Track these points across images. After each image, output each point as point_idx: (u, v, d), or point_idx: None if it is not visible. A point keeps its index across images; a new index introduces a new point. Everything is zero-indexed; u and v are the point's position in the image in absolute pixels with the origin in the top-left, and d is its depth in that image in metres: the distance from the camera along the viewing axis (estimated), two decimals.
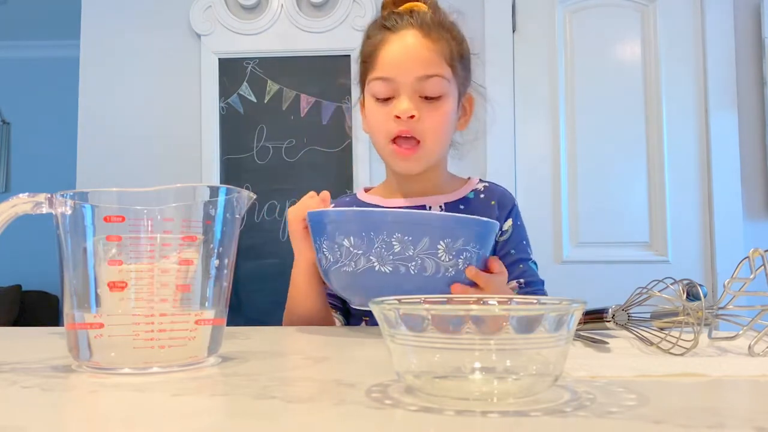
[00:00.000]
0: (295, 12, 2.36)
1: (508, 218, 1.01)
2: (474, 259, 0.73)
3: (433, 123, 0.92)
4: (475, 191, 1.03)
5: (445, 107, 0.93)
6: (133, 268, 0.51)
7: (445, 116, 0.94)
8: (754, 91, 2.27)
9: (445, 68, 0.93)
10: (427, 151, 0.94)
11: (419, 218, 0.71)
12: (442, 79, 0.92)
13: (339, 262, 0.72)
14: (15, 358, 0.58)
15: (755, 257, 0.59)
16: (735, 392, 0.45)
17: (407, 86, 0.91)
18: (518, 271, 0.98)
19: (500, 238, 1.00)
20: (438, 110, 0.93)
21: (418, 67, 0.91)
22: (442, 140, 0.96)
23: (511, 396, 0.39)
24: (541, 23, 2.35)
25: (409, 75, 0.91)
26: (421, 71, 0.91)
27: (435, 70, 0.92)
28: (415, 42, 0.92)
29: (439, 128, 0.93)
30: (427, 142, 0.93)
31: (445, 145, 0.98)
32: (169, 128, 2.38)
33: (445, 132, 0.95)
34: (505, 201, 1.02)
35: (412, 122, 0.91)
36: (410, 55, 0.92)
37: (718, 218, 2.23)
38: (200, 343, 0.53)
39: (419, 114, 0.91)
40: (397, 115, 0.91)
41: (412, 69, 0.91)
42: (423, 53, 0.92)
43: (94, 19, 2.44)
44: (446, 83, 0.93)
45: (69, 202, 0.52)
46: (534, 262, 1.02)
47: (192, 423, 0.36)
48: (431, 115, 0.92)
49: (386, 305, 0.40)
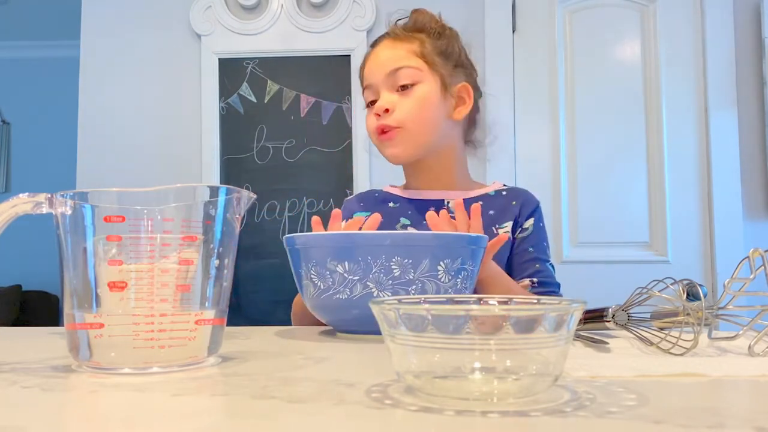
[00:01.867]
0: (295, 12, 2.36)
1: (530, 217, 1.04)
2: (470, 274, 0.72)
3: (409, 107, 0.99)
4: (497, 191, 1.08)
5: (420, 92, 1.00)
6: (133, 268, 0.51)
7: (420, 101, 1.00)
8: (754, 91, 2.27)
9: (414, 60, 1.01)
10: (409, 134, 0.99)
11: (419, 239, 0.70)
12: (412, 69, 1.00)
13: (331, 288, 0.69)
14: (15, 358, 0.58)
15: (755, 257, 0.59)
16: (735, 392, 0.45)
17: (381, 84, 1.01)
18: (533, 270, 1.01)
19: (519, 235, 1.03)
20: (412, 95, 1.00)
21: (386, 64, 1.01)
22: (424, 123, 1.00)
23: (511, 396, 0.39)
24: (541, 23, 2.35)
25: (380, 74, 1.01)
26: (389, 67, 1.01)
27: (402, 63, 1.00)
28: (384, 46, 1.05)
29: (416, 111, 0.99)
30: (408, 126, 0.99)
31: (430, 128, 1.01)
32: (169, 128, 2.38)
33: (425, 114, 1.00)
34: (527, 201, 1.06)
35: (389, 115, 0.99)
36: (380, 57, 1.03)
37: (718, 218, 2.23)
38: (200, 343, 0.53)
39: (394, 106, 0.99)
40: (376, 112, 1.00)
41: (381, 68, 1.02)
42: (389, 52, 1.02)
43: (94, 19, 2.44)
44: (417, 72, 1.00)
45: (69, 202, 0.52)
46: (552, 264, 1.04)
47: (192, 423, 0.36)
48: (406, 101, 0.99)
49: (386, 305, 0.40)
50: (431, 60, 1.01)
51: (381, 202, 1.08)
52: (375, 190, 1.14)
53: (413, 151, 1.01)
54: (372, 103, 1.02)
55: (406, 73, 0.99)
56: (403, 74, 0.99)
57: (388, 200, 1.07)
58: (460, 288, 0.71)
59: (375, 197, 1.10)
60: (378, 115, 1.00)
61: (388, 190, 1.11)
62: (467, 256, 0.71)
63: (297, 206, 2.32)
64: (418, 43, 1.01)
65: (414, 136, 0.99)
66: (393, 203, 1.06)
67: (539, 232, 1.04)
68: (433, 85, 1.00)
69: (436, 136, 1.02)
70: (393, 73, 1.00)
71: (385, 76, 1.00)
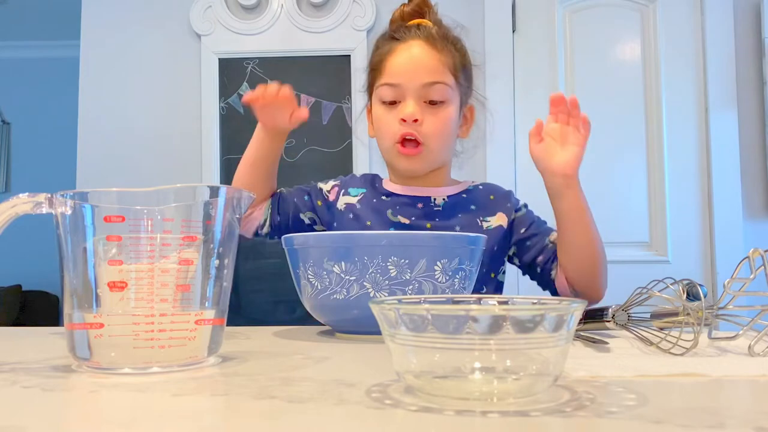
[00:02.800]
0: (295, 12, 2.36)
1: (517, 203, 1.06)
2: (468, 275, 0.72)
3: (436, 127, 0.98)
4: (474, 186, 1.08)
5: (447, 112, 0.98)
6: (133, 268, 0.51)
7: (447, 121, 0.99)
8: (754, 91, 2.27)
9: (448, 76, 0.98)
10: (430, 153, 0.99)
11: (415, 240, 0.70)
12: (446, 86, 0.98)
13: (328, 289, 0.69)
14: (15, 358, 0.58)
15: (755, 257, 0.59)
16: (735, 392, 0.45)
17: (413, 91, 0.97)
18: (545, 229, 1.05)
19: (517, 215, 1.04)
20: (440, 115, 0.98)
21: (424, 74, 0.97)
22: (444, 144, 1.01)
23: (511, 396, 0.39)
24: (541, 23, 2.35)
25: (415, 81, 0.97)
26: (426, 78, 0.97)
27: (439, 78, 0.97)
28: (421, 51, 0.99)
29: (441, 132, 0.98)
30: (430, 145, 0.98)
31: (446, 148, 1.02)
32: (169, 128, 2.38)
33: (447, 136, 1.00)
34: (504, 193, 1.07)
35: (416, 125, 0.97)
36: (416, 62, 0.98)
37: (718, 218, 2.23)
38: (200, 343, 0.53)
39: (422, 118, 0.97)
40: (403, 118, 0.96)
41: (417, 75, 0.97)
42: (428, 61, 0.98)
43: (94, 19, 2.44)
44: (449, 90, 0.98)
45: (69, 202, 0.52)
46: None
47: (192, 423, 0.36)
48: (434, 119, 0.98)
49: (386, 305, 0.40)
50: (459, 78, 1.00)
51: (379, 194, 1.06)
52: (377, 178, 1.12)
53: (428, 167, 1.01)
54: (392, 104, 0.98)
55: (440, 89, 0.97)
56: (438, 90, 0.97)
57: (383, 194, 1.06)
58: (457, 288, 0.71)
59: (375, 188, 1.08)
60: (404, 121, 0.96)
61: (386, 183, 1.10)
62: (465, 256, 0.71)
63: None
64: (451, 57, 0.99)
65: (432, 155, 0.99)
66: (385, 197, 1.06)
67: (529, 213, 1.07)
68: (456, 106, 1.00)
69: (448, 155, 1.04)
70: (429, 85, 0.96)
71: (420, 85, 0.96)
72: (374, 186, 1.08)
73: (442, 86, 0.97)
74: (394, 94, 0.98)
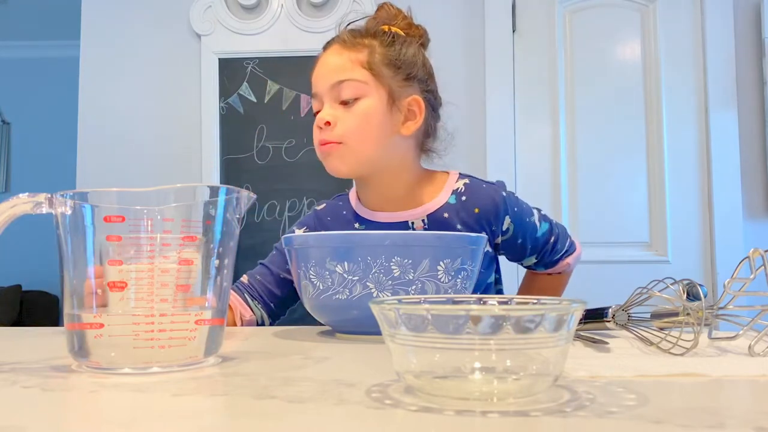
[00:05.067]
0: (295, 12, 2.36)
1: (504, 217, 0.99)
2: (470, 275, 0.72)
3: (351, 124, 0.94)
4: (456, 193, 1.00)
5: (363, 107, 0.95)
6: (133, 268, 0.51)
7: (362, 116, 0.94)
8: (754, 91, 2.27)
9: (359, 71, 0.95)
10: (350, 150, 0.95)
11: (418, 240, 0.69)
12: (356, 82, 0.95)
13: (330, 289, 0.69)
14: (15, 358, 0.58)
15: (755, 257, 0.59)
16: (735, 392, 0.45)
17: (326, 95, 0.96)
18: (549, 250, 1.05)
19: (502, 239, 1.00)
20: (355, 111, 0.95)
21: (331, 74, 0.96)
22: (366, 138, 0.95)
23: (511, 396, 0.39)
24: (541, 23, 2.35)
25: (325, 84, 0.96)
26: (333, 78, 0.95)
27: (346, 75, 0.95)
28: (330, 54, 0.98)
29: (357, 127, 0.94)
30: (349, 143, 0.94)
31: (372, 144, 0.96)
32: (169, 128, 2.38)
33: (367, 131, 0.95)
34: (491, 205, 0.99)
35: (329, 128, 0.94)
36: (325, 66, 0.98)
37: (718, 218, 2.23)
38: (200, 343, 0.53)
39: (335, 120, 0.94)
40: (317, 125, 0.96)
41: (325, 78, 0.96)
42: (335, 61, 0.96)
43: (94, 19, 2.44)
44: (361, 85, 0.95)
45: (69, 202, 0.52)
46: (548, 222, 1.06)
47: (192, 423, 0.36)
48: (348, 116, 0.95)
49: (386, 305, 0.40)
50: (378, 71, 0.95)
51: (346, 222, 1.04)
52: (342, 201, 1.08)
53: (355, 167, 0.96)
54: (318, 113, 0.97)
55: (349, 86, 0.94)
56: (347, 87, 0.94)
57: (354, 220, 1.03)
58: (459, 288, 0.71)
59: (342, 215, 1.05)
60: (320, 128, 0.95)
61: (354, 202, 1.06)
62: (467, 256, 0.71)
63: (297, 206, 2.32)
64: (366, 52, 0.96)
65: (355, 152, 0.95)
66: (359, 224, 1.02)
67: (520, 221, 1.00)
68: (378, 100, 0.95)
69: (380, 152, 0.97)
70: (337, 85, 0.94)
71: (329, 88, 0.95)
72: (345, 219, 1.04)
73: (351, 83, 0.94)
74: (316, 103, 0.98)
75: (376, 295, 0.68)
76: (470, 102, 2.28)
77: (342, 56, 0.96)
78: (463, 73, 2.30)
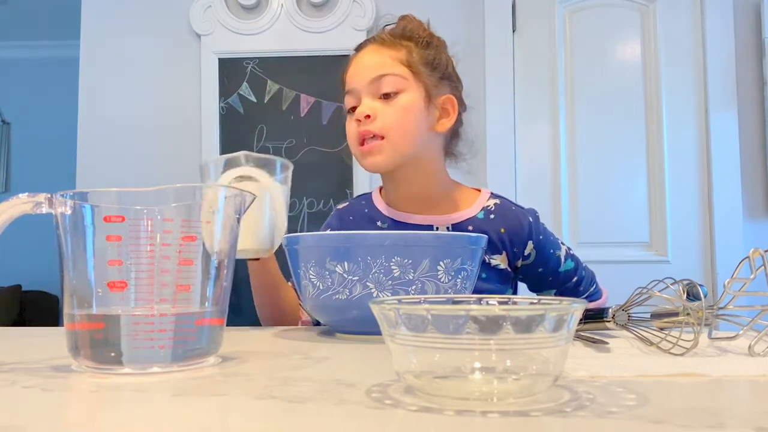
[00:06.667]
0: (295, 12, 2.36)
1: (527, 241, 1.02)
2: (470, 275, 0.72)
3: (392, 116, 0.96)
4: (486, 210, 1.02)
5: (404, 101, 0.97)
6: (133, 268, 0.51)
7: (404, 109, 0.97)
8: (754, 91, 2.27)
9: (398, 68, 0.98)
10: (391, 144, 0.96)
11: (418, 240, 0.69)
12: (396, 77, 0.97)
13: (330, 289, 0.69)
14: (15, 358, 0.58)
15: (755, 257, 0.59)
16: (735, 392, 0.45)
17: (364, 90, 0.98)
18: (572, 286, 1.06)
19: (522, 263, 1.02)
20: (395, 104, 0.97)
21: (370, 70, 0.98)
22: (407, 132, 0.97)
23: (511, 396, 0.39)
24: (541, 23, 2.35)
25: (363, 79, 0.98)
26: (372, 73, 0.97)
27: (386, 70, 0.97)
28: (369, 52, 1.01)
29: (399, 120, 0.96)
30: (390, 136, 0.96)
31: (412, 138, 0.98)
32: (169, 128, 2.38)
33: (408, 124, 0.97)
34: (518, 227, 1.01)
35: (370, 121, 0.96)
36: (363, 62, 1.00)
37: (718, 218, 2.23)
38: (200, 343, 0.53)
39: (375, 113, 0.96)
40: (357, 118, 0.97)
41: (364, 73, 0.98)
42: (374, 58, 0.99)
43: (94, 19, 2.44)
44: (402, 80, 0.97)
45: (69, 202, 0.52)
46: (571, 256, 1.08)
47: (192, 423, 0.36)
48: (390, 110, 0.96)
49: (386, 305, 0.40)
50: (417, 69, 0.98)
51: (369, 221, 1.05)
52: (365, 200, 1.10)
53: (393, 160, 0.98)
54: (353, 110, 0.99)
55: (390, 80, 0.96)
56: (387, 82, 0.96)
57: (377, 219, 1.04)
58: (459, 288, 0.71)
59: (365, 213, 1.06)
60: (359, 121, 0.97)
61: (377, 202, 1.08)
62: (467, 257, 0.71)
63: (297, 206, 2.32)
64: (405, 51, 0.98)
65: (396, 146, 0.96)
66: (381, 222, 1.04)
67: (543, 250, 1.03)
68: (417, 95, 0.97)
69: (417, 147, 0.99)
70: (377, 80, 0.96)
71: (368, 83, 0.97)
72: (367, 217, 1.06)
73: (392, 77, 0.97)
74: (352, 99, 1.00)
75: (376, 295, 0.68)
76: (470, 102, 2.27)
77: (381, 54, 0.99)
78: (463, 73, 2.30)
